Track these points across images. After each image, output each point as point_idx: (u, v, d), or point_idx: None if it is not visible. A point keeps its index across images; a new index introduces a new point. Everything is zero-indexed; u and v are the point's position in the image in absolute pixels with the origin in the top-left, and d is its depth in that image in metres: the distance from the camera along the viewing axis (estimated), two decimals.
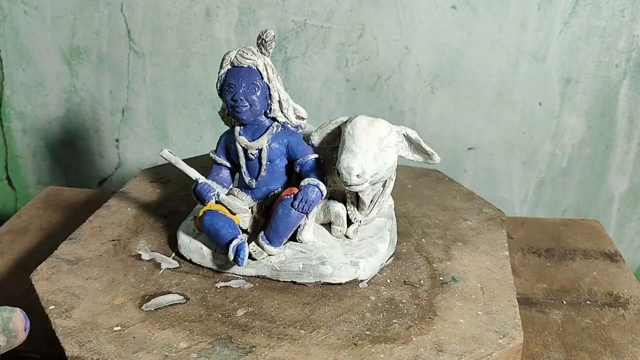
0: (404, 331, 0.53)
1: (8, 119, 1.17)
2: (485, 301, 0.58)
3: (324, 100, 1.11)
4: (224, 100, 0.62)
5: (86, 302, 0.56)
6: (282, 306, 0.57)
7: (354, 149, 0.56)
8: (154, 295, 0.57)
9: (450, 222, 0.74)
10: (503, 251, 0.67)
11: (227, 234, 0.59)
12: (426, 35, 1.05)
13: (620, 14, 1.01)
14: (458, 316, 0.56)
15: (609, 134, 1.10)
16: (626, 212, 1.16)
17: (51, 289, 0.58)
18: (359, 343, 0.52)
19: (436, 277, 0.62)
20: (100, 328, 0.53)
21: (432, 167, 0.83)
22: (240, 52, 0.60)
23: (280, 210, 0.58)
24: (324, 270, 0.59)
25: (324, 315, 0.55)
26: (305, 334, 0.53)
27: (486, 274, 0.63)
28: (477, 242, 0.69)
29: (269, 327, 0.54)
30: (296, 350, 0.51)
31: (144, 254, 0.64)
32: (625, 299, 0.71)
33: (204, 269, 0.62)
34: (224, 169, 0.65)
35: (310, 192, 0.57)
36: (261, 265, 0.60)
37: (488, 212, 0.77)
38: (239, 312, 0.55)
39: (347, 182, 0.56)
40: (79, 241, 0.66)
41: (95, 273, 0.61)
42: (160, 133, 1.16)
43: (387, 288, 0.60)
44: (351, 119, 0.59)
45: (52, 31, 1.09)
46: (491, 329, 0.54)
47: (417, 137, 0.59)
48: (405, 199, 0.79)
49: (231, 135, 0.63)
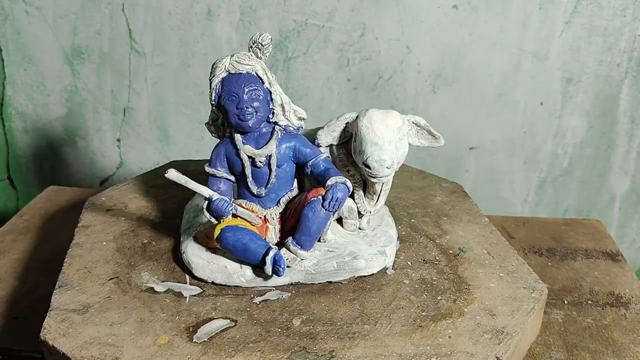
0: (453, 305, 0.57)
1: (10, 119, 1.17)
2: (499, 264, 0.64)
3: (325, 100, 1.11)
4: (223, 110, 0.59)
5: (128, 348, 0.50)
6: (332, 307, 0.56)
7: (378, 141, 0.57)
8: (198, 326, 0.54)
9: (424, 200, 0.78)
10: (483, 218, 0.74)
11: (257, 247, 0.57)
12: (427, 35, 1.05)
13: (621, 13, 1.01)
14: (487, 281, 0.60)
15: (611, 133, 1.10)
16: (628, 211, 1.16)
17: (77, 345, 0.51)
18: (423, 324, 0.54)
19: (446, 252, 0.66)
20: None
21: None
22: (236, 59, 0.58)
23: (310, 213, 0.57)
24: (358, 265, 0.60)
25: (375, 307, 0.56)
26: (371, 328, 0.54)
27: (484, 241, 0.68)
28: (457, 214, 0.75)
29: (333, 330, 0.53)
30: (374, 345, 0.51)
31: (156, 286, 0.59)
32: (627, 299, 0.70)
33: (231, 288, 0.59)
34: (224, 181, 0.61)
35: (338, 191, 0.57)
36: (294, 272, 0.59)
37: (447, 186, 0.83)
38: (295, 322, 0.54)
39: (378, 174, 0.57)
40: (72, 287, 0.59)
41: (116, 317, 0.55)
42: (161, 133, 1.16)
43: (412, 270, 0.62)
44: (362, 113, 0.59)
45: (53, 31, 1.10)
46: (520, 287, 0.60)
47: (425, 123, 0.62)
48: None
49: (230, 145, 0.60)
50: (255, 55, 0.59)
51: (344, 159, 0.63)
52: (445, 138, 0.63)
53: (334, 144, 0.63)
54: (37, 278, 0.71)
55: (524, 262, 0.64)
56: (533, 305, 0.57)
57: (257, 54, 0.59)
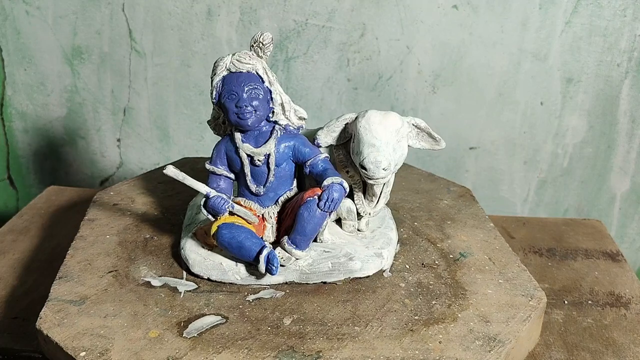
0: (447, 310, 0.56)
1: (10, 119, 1.17)
2: (499, 270, 0.63)
3: (325, 100, 1.11)
4: (223, 108, 0.59)
5: (119, 341, 0.51)
6: (324, 307, 0.56)
7: (375, 142, 0.57)
8: (189, 321, 0.54)
9: (429, 204, 0.78)
10: (488, 223, 0.73)
11: (252, 245, 0.57)
12: (427, 35, 1.05)
13: (622, 13, 1.01)
14: (484, 288, 0.60)
15: (611, 133, 1.10)
16: (628, 211, 1.16)
17: (71, 335, 0.52)
18: (414, 329, 0.54)
19: (446, 256, 0.65)
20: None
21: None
22: (237, 57, 0.58)
23: (305, 213, 0.57)
24: (353, 266, 0.60)
25: (367, 309, 0.56)
26: (361, 330, 0.53)
27: (486, 246, 0.67)
28: (462, 218, 0.74)
29: (323, 330, 0.53)
30: (362, 347, 0.51)
31: (153, 281, 0.60)
32: (627, 299, 0.70)
33: (225, 285, 0.60)
34: (224, 179, 0.62)
35: (334, 191, 0.57)
36: (289, 271, 0.59)
37: (455, 190, 0.82)
38: (285, 321, 0.55)
39: (374, 175, 0.57)
40: (72, 279, 0.60)
41: (111, 309, 0.56)
42: (161, 133, 1.16)
43: (410, 273, 0.62)
44: (361, 114, 0.59)
45: (53, 31, 1.10)
46: (518, 294, 0.59)
47: (425, 126, 0.61)
48: None
49: (230, 143, 0.61)
50: (256, 55, 0.59)
51: (343, 159, 0.63)
52: (445, 138, 0.63)
53: (333, 145, 0.63)
54: (37, 278, 0.71)
55: (525, 269, 0.63)
56: (530, 313, 0.56)
57: (258, 53, 0.59)
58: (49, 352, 0.54)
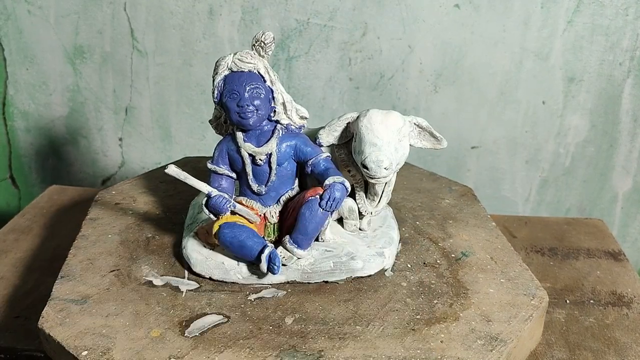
0: (449, 309, 0.56)
1: (12, 118, 1.18)
2: (501, 269, 0.63)
3: (327, 99, 1.11)
4: (225, 108, 0.59)
5: (121, 340, 0.52)
6: (326, 307, 0.57)
7: (377, 142, 0.57)
8: (191, 320, 0.54)
9: (431, 203, 0.77)
10: (490, 222, 0.73)
11: (254, 245, 0.57)
12: (429, 34, 1.05)
13: (624, 12, 1.01)
14: (486, 287, 0.60)
15: (613, 132, 1.10)
16: (630, 211, 1.16)
17: (72, 334, 0.52)
18: (416, 328, 0.54)
19: (448, 255, 0.65)
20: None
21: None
22: (238, 57, 0.58)
23: (307, 212, 0.57)
24: (355, 265, 0.60)
25: (369, 308, 0.56)
26: (363, 329, 0.53)
27: (488, 245, 0.67)
28: (464, 217, 0.74)
29: (324, 330, 0.53)
30: (364, 347, 0.51)
31: (155, 280, 0.60)
32: (629, 298, 0.70)
33: (227, 284, 0.60)
34: (225, 178, 0.61)
35: (336, 191, 0.56)
36: (291, 270, 0.59)
37: (457, 189, 0.82)
38: (287, 321, 0.55)
39: (375, 175, 0.57)
40: (74, 278, 0.60)
41: (113, 309, 0.56)
42: (163, 132, 1.17)
43: (411, 273, 0.62)
44: (363, 113, 0.59)
45: (55, 30, 1.10)
46: (520, 293, 0.59)
47: (427, 125, 0.61)
48: None
49: (232, 142, 0.61)
50: (257, 54, 0.59)
51: (345, 159, 0.63)
52: (446, 137, 0.63)
53: (335, 144, 0.63)
54: (39, 277, 0.71)
55: (527, 269, 0.63)
56: (531, 312, 0.56)
57: (259, 52, 0.59)
58: (51, 351, 0.54)
